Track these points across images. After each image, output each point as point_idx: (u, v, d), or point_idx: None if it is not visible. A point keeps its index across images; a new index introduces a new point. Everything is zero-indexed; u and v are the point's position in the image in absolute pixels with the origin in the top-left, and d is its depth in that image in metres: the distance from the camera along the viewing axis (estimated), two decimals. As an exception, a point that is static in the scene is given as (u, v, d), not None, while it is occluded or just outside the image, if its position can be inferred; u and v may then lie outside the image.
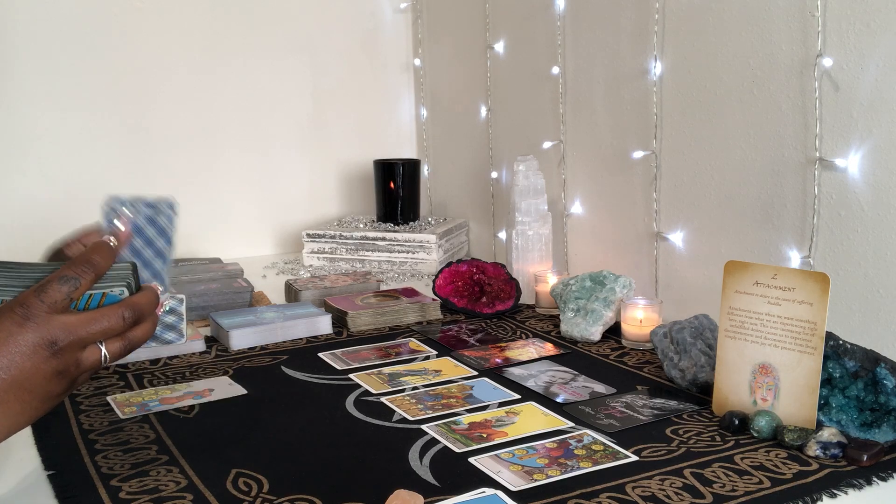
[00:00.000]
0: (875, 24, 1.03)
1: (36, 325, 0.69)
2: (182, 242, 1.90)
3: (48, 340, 0.69)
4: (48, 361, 0.69)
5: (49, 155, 1.74)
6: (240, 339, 1.24)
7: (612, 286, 1.27)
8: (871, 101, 1.04)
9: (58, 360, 0.70)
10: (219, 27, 1.88)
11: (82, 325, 0.71)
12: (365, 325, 1.33)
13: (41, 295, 0.70)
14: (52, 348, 0.69)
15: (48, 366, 0.69)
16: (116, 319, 0.73)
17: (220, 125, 1.91)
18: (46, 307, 0.69)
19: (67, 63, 1.74)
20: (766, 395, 0.92)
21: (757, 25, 1.17)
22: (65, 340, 0.70)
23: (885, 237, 1.04)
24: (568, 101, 1.57)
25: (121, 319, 0.73)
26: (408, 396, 1.04)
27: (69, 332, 0.70)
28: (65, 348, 0.70)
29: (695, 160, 1.31)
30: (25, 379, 0.68)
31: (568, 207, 1.59)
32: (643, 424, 0.94)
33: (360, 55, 2.06)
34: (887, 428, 0.86)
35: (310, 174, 2.03)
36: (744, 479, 0.80)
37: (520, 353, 1.20)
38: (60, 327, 0.70)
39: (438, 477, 0.82)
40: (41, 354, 0.69)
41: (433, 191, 2.07)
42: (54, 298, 0.70)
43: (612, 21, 1.43)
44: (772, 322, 0.91)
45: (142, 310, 0.75)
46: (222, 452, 0.89)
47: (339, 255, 1.81)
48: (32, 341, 0.68)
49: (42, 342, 0.69)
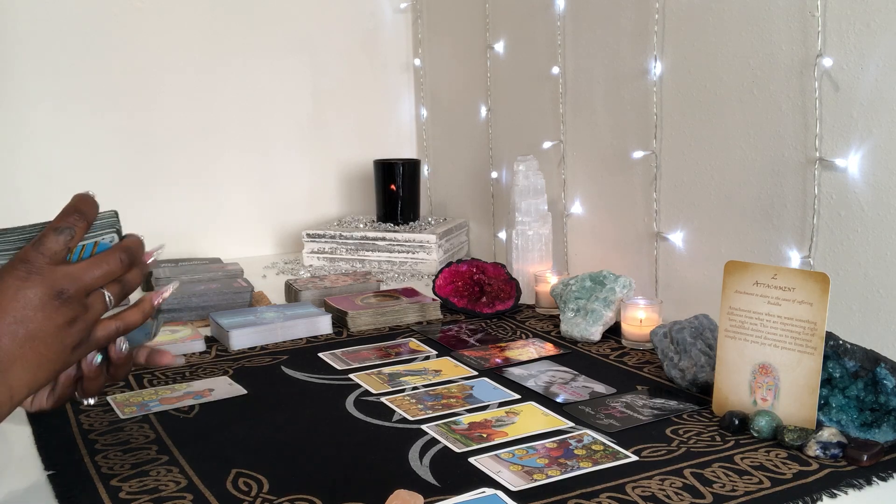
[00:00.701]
0: (875, 24, 1.03)
1: (41, 277, 0.70)
2: (182, 242, 1.92)
3: (56, 290, 0.70)
4: (59, 311, 0.70)
5: (49, 155, 1.74)
6: (240, 339, 1.24)
7: (612, 286, 1.27)
8: (871, 101, 1.04)
9: (67, 308, 0.71)
10: (219, 27, 1.88)
11: (85, 271, 0.73)
12: (365, 325, 1.33)
13: (40, 248, 0.71)
14: (61, 297, 0.70)
15: (59, 316, 0.70)
16: (115, 262, 0.75)
17: (220, 125, 1.91)
18: (48, 259, 0.71)
19: (67, 63, 1.74)
20: (766, 395, 0.92)
21: (757, 25, 1.17)
22: (71, 288, 0.71)
23: (885, 237, 1.04)
24: (568, 101, 1.57)
25: (118, 262, 0.75)
26: (408, 396, 1.04)
27: (74, 279, 0.71)
28: (72, 296, 0.71)
29: (695, 160, 1.31)
30: (39, 331, 0.69)
31: (568, 207, 1.59)
32: (643, 424, 0.94)
33: (360, 55, 2.06)
34: (887, 428, 0.86)
35: (310, 174, 2.03)
36: (744, 479, 0.80)
37: (520, 353, 1.20)
38: (65, 276, 0.71)
39: (438, 477, 0.82)
40: (51, 305, 0.70)
41: (433, 191, 2.07)
42: (54, 249, 0.71)
43: (612, 21, 1.43)
44: (772, 322, 0.91)
45: (134, 252, 0.77)
46: (222, 452, 0.89)
47: (339, 255, 1.81)
48: (41, 294, 0.69)
49: (50, 293, 0.70)
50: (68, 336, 0.71)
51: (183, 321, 1.35)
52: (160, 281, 1.48)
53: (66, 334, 0.71)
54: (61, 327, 0.71)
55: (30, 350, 0.69)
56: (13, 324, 0.68)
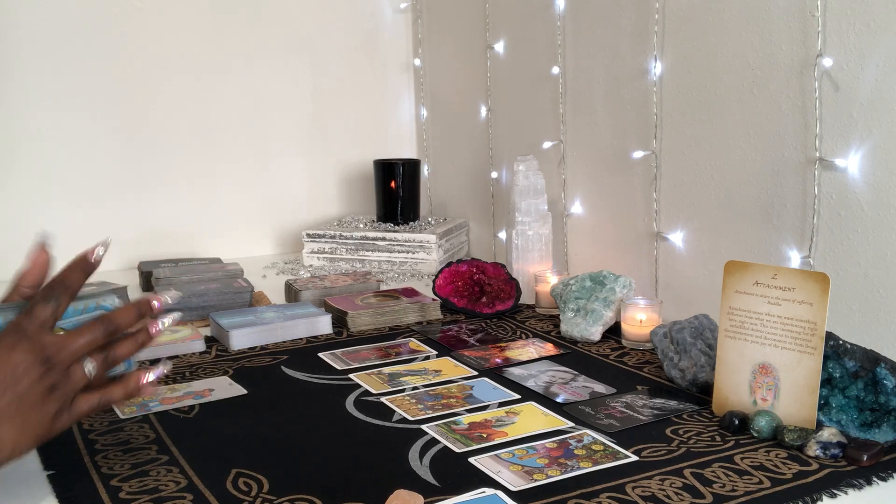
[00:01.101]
0: (875, 24, 1.03)
1: (30, 343, 0.73)
2: (182, 242, 1.92)
3: (43, 357, 0.73)
4: (43, 378, 0.73)
5: (49, 155, 1.74)
6: (240, 339, 1.24)
7: (612, 286, 1.27)
8: (871, 101, 1.04)
9: (49, 376, 0.74)
10: (219, 27, 1.88)
11: (70, 339, 0.76)
12: (365, 325, 1.33)
13: (30, 316, 0.75)
14: (47, 364, 0.73)
15: (42, 383, 0.73)
16: (96, 331, 0.77)
17: (221, 125, 1.91)
18: (37, 327, 0.74)
19: (67, 64, 1.74)
20: (766, 395, 0.92)
21: (757, 25, 1.17)
22: (57, 356, 0.74)
23: (885, 237, 1.04)
24: (568, 101, 1.57)
25: (99, 331, 0.77)
26: (408, 396, 1.04)
27: (60, 346, 0.75)
28: (57, 363, 0.74)
29: (695, 160, 1.31)
30: (25, 394, 0.72)
31: (568, 207, 1.59)
32: (643, 424, 0.94)
33: (360, 55, 2.06)
34: (887, 428, 0.86)
35: (310, 174, 2.03)
36: (744, 479, 0.80)
37: (520, 353, 1.20)
38: (52, 343, 0.74)
39: (438, 477, 0.82)
40: (37, 371, 0.73)
41: (433, 191, 2.07)
42: (42, 318, 0.75)
43: (612, 21, 1.43)
44: (772, 322, 0.91)
45: (117, 323, 0.79)
46: (222, 452, 0.89)
47: (339, 255, 1.81)
48: (29, 359, 0.73)
49: (37, 359, 0.73)
50: (48, 404, 0.74)
51: (183, 321, 1.35)
52: (160, 281, 1.48)
53: (47, 401, 0.74)
54: (43, 394, 0.73)
55: (16, 412, 0.71)
56: (3, 384, 0.71)
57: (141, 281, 1.62)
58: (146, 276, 1.59)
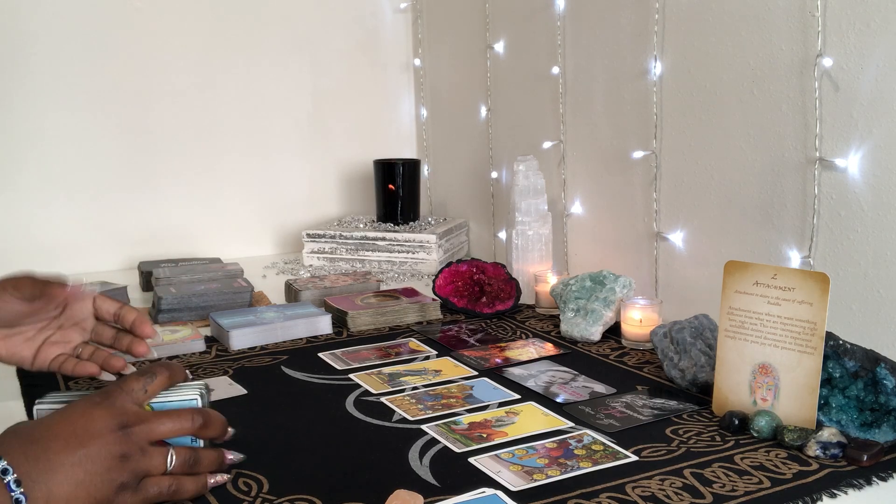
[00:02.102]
0: (875, 24, 1.03)
1: (111, 404, 0.74)
2: (182, 242, 1.92)
3: (119, 422, 0.73)
4: (115, 443, 0.72)
5: (49, 155, 1.74)
6: (240, 339, 1.24)
7: (612, 286, 1.27)
8: (871, 101, 1.04)
9: (124, 443, 0.73)
10: (219, 27, 1.88)
11: (156, 417, 0.76)
12: (365, 325, 1.33)
13: (121, 384, 0.77)
14: (122, 429, 0.73)
15: (114, 447, 0.72)
16: (187, 419, 0.77)
17: (221, 125, 1.91)
18: (124, 393, 0.76)
19: (67, 65, 1.74)
20: (766, 395, 0.92)
21: (757, 25, 1.17)
22: (134, 424, 0.74)
23: (885, 237, 1.04)
24: (568, 101, 1.57)
25: (189, 420, 0.77)
26: (408, 396, 1.04)
27: (139, 417, 0.75)
28: (134, 433, 0.73)
29: (695, 160, 1.31)
30: (92, 453, 0.71)
31: (568, 207, 1.59)
32: (643, 424, 0.94)
33: (360, 55, 2.06)
34: (887, 428, 0.86)
35: (310, 174, 2.03)
36: (744, 479, 0.80)
37: (520, 353, 1.20)
38: (133, 412, 0.75)
39: (438, 477, 0.82)
40: (111, 435, 0.72)
41: (433, 191, 2.07)
42: (132, 387, 0.77)
43: (612, 21, 1.43)
44: (772, 322, 0.91)
45: (210, 419, 0.79)
46: (222, 452, 0.89)
47: (339, 255, 1.81)
48: (106, 419, 0.73)
49: (114, 423, 0.73)
50: (116, 471, 0.72)
51: (183, 321, 1.35)
52: (160, 281, 1.48)
53: (115, 468, 0.72)
54: (112, 459, 0.72)
55: (81, 469, 0.70)
56: (71, 435, 0.71)
57: (141, 281, 1.62)
58: (146, 276, 1.59)
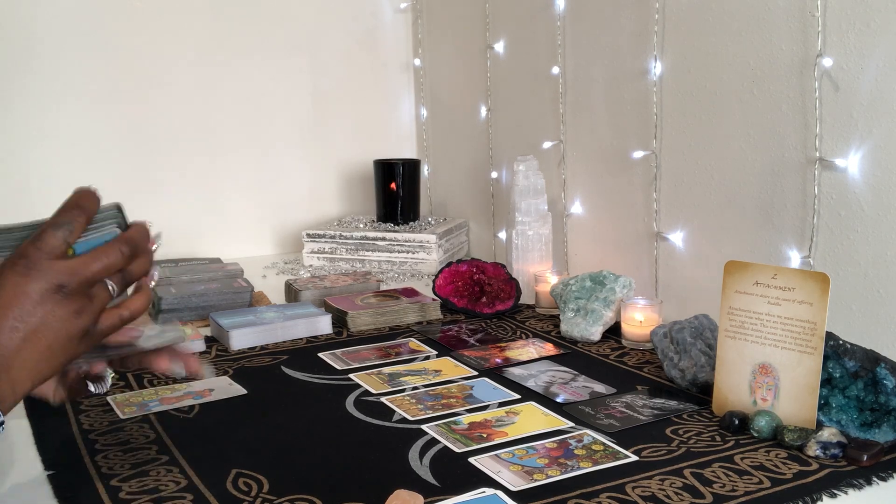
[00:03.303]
0: (875, 24, 1.03)
1: (40, 272, 0.70)
2: (182, 242, 1.92)
3: (55, 285, 0.70)
4: (61, 304, 0.70)
5: (49, 155, 1.74)
6: (240, 339, 1.24)
7: (612, 286, 1.27)
8: (871, 101, 1.04)
9: (70, 301, 0.71)
10: (219, 27, 1.88)
11: (84, 265, 0.72)
12: (365, 325, 1.33)
13: (39, 244, 0.71)
14: (62, 291, 0.70)
15: (61, 308, 0.70)
16: (115, 255, 0.74)
17: (221, 125, 1.91)
18: (46, 254, 0.71)
19: (67, 65, 1.74)
20: (766, 395, 0.92)
21: (757, 25, 1.17)
22: (71, 282, 0.71)
23: (885, 237, 1.04)
24: (568, 101, 1.57)
25: (119, 254, 0.74)
26: (408, 396, 1.04)
27: (73, 273, 0.71)
28: (74, 289, 0.71)
29: (695, 160, 1.31)
30: (41, 325, 0.69)
31: (568, 207, 1.59)
32: (643, 424, 0.94)
33: (360, 55, 2.06)
34: (887, 428, 0.86)
35: (310, 174, 2.03)
36: (744, 479, 0.80)
37: (520, 353, 1.20)
38: (64, 271, 0.71)
39: (438, 477, 0.82)
40: (52, 299, 0.70)
41: (433, 191, 2.07)
42: (52, 245, 0.71)
43: (612, 21, 1.43)
44: (772, 322, 0.91)
45: (136, 242, 0.76)
46: (222, 452, 0.89)
47: (339, 255, 1.81)
48: (41, 289, 0.70)
49: (50, 287, 0.70)
50: (73, 326, 0.71)
51: (183, 321, 1.35)
52: (160, 281, 1.48)
53: (71, 325, 0.71)
54: (65, 319, 0.71)
55: (31, 345, 0.69)
56: (13, 320, 0.68)
57: (141, 281, 1.62)
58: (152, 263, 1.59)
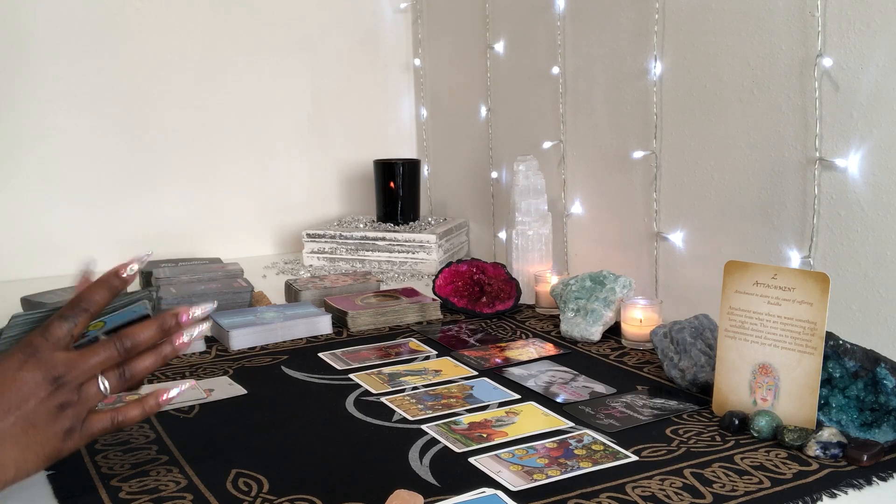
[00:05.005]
0: (875, 24, 1.03)
1: (39, 362, 0.73)
2: (182, 242, 1.92)
3: (52, 376, 0.73)
4: (52, 396, 0.72)
5: (49, 156, 1.74)
6: (240, 339, 1.24)
7: (612, 286, 1.27)
8: (871, 101, 1.04)
9: (60, 394, 0.73)
10: (219, 27, 1.88)
11: (83, 358, 0.75)
12: (365, 325, 1.33)
13: (45, 334, 0.74)
14: (57, 383, 0.73)
15: (52, 400, 0.72)
16: (110, 350, 0.76)
17: (221, 125, 1.91)
18: (51, 345, 0.74)
19: (67, 65, 1.73)
20: (766, 395, 0.92)
21: (757, 25, 1.17)
22: (67, 375, 0.73)
23: (885, 237, 1.04)
24: (568, 101, 1.57)
25: (114, 349, 0.76)
26: (408, 396, 1.04)
27: (70, 365, 0.74)
28: (67, 382, 0.73)
29: (695, 160, 1.31)
30: (32, 414, 0.71)
31: (568, 207, 1.59)
32: (643, 424, 0.94)
33: (360, 55, 2.06)
34: (887, 428, 0.86)
35: (310, 174, 2.03)
36: (744, 479, 0.80)
37: (520, 353, 1.20)
38: (63, 362, 0.73)
39: (438, 477, 0.82)
40: (46, 390, 0.72)
41: (433, 191, 2.07)
42: (57, 336, 0.74)
43: (612, 21, 1.43)
44: (772, 322, 0.91)
45: (136, 340, 0.77)
46: (222, 452, 0.89)
47: (339, 255, 1.81)
48: (38, 378, 0.72)
49: (47, 377, 0.72)
50: (59, 422, 0.73)
51: (183, 321, 1.35)
52: (160, 280, 1.48)
53: (57, 420, 0.73)
54: (53, 413, 0.72)
55: (21, 432, 0.71)
56: (7, 404, 0.70)
57: (141, 281, 1.62)
58: (146, 275, 1.59)
